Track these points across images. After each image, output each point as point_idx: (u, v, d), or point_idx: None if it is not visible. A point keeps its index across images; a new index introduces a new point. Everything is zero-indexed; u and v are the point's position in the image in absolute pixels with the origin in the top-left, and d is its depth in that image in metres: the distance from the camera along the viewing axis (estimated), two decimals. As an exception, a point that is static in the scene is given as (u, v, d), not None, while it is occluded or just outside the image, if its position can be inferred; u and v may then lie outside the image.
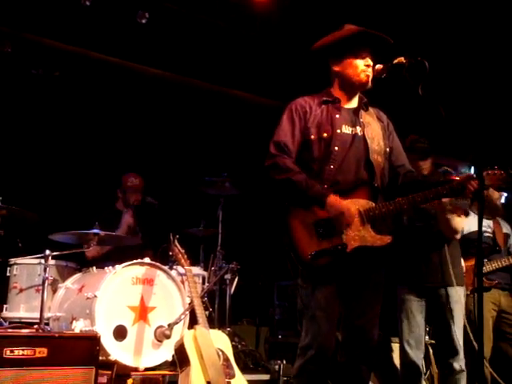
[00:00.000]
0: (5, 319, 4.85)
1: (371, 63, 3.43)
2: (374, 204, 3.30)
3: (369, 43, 3.43)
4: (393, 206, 3.28)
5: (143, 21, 6.27)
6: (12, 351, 3.37)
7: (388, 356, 5.18)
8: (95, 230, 4.86)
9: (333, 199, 3.25)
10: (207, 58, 6.88)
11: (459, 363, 4.19)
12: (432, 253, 4.34)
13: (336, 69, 3.50)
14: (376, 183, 3.38)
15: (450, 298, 4.28)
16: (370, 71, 3.42)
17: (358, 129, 3.44)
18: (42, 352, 3.46)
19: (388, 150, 3.53)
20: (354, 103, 3.52)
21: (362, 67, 3.42)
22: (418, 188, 3.38)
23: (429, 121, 6.37)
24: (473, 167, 3.39)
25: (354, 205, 3.29)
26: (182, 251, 4.56)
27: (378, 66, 3.40)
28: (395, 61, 3.34)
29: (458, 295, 4.29)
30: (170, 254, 4.78)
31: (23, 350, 3.40)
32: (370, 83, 3.45)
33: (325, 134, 3.39)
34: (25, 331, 4.03)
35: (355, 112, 3.50)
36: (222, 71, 7.09)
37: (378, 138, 3.48)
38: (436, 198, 3.34)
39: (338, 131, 3.40)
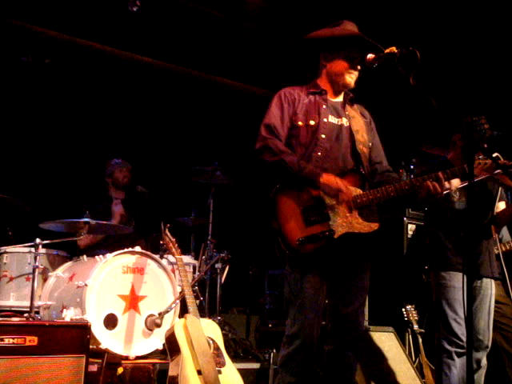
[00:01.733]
0: (-5, 308, 4.84)
1: (359, 68, 3.48)
2: (361, 191, 3.32)
3: (361, 47, 3.46)
4: (380, 193, 3.30)
5: (134, 9, 6.23)
6: (2, 339, 3.38)
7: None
8: (86, 219, 4.85)
9: (327, 177, 3.27)
10: (198, 47, 6.87)
11: (485, 358, 4.19)
12: (482, 240, 4.26)
13: (325, 63, 3.56)
14: (363, 171, 3.41)
15: (491, 290, 4.27)
16: (355, 75, 3.49)
17: (344, 120, 3.50)
18: (32, 340, 3.47)
19: (370, 144, 3.56)
20: (339, 97, 3.58)
21: (349, 70, 3.48)
22: None
23: (420, 110, 6.42)
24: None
25: None
26: (173, 240, 4.55)
27: (370, 56, 3.41)
28: (387, 50, 3.34)
29: (493, 288, 4.28)
30: (161, 242, 4.78)
31: (13, 338, 3.41)
32: (352, 85, 3.52)
33: (312, 122, 3.43)
34: (15, 319, 4.04)
35: (341, 105, 3.54)
36: (212, 59, 7.08)
37: (362, 130, 3.53)
38: (422, 186, 3.33)
39: (325, 120, 3.44)
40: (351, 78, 3.49)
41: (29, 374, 3.44)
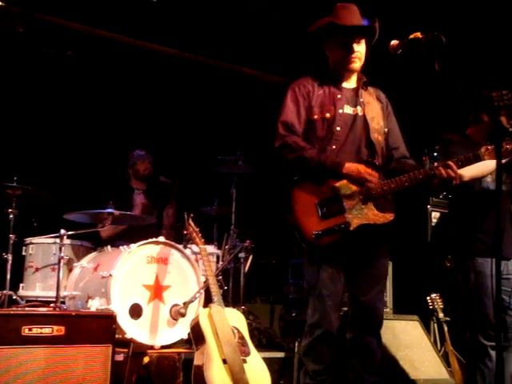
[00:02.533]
0: (21, 298, 4.89)
1: (357, 49, 3.44)
2: (378, 175, 3.32)
3: (349, 33, 3.45)
4: (394, 183, 3.30)
5: (154, -1, 6.23)
6: (30, 329, 3.41)
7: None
8: (109, 210, 4.87)
9: (349, 166, 3.29)
10: (220, 36, 6.85)
11: None
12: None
13: (327, 52, 3.58)
14: (377, 161, 3.39)
15: None
16: (355, 56, 3.46)
17: (359, 109, 3.49)
18: (59, 330, 3.50)
19: (386, 130, 3.53)
20: (353, 83, 3.55)
21: (348, 53, 3.47)
22: None
23: (443, 96, 6.35)
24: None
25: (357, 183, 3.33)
26: (197, 230, 4.56)
27: (394, 42, 3.36)
28: (411, 36, 3.28)
29: None
30: (185, 232, 4.79)
31: (41, 328, 3.44)
32: (357, 68, 3.51)
33: (327, 115, 3.42)
34: (42, 309, 4.08)
35: (355, 91, 3.51)
36: (233, 49, 7.06)
37: (377, 117, 3.51)
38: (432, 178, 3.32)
39: (340, 111, 3.44)
40: (354, 61, 3.47)
41: (57, 363, 3.47)
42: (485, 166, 3.62)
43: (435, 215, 6.24)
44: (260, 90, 7.48)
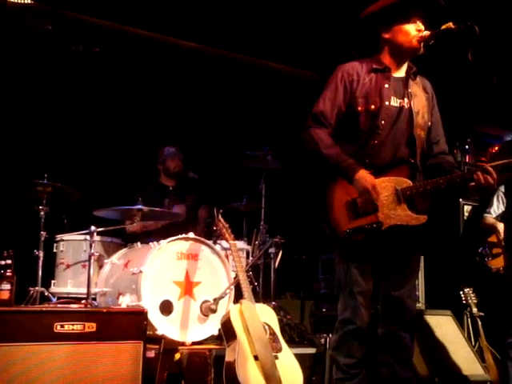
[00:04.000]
0: (53, 294, 4.92)
1: (422, 27, 3.32)
2: (411, 183, 3.25)
3: (419, 6, 3.33)
4: (430, 185, 3.22)
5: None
6: (62, 326, 3.42)
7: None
8: (139, 206, 4.87)
9: (361, 174, 3.21)
10: (246, 31, 6.82)
11: None
12: None
13: (386, 36, 3.40)
14: (415, 161, 3.32)
15: None
16: (421, 36, 3.32)
17: (406, 101, 3.37)
18: (91, 327, 3.50)
19: (430, 123, 3.45)
20: (402, 72, 3.44)
21: (414, 32, 3.32)
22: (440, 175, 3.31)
23: (474, 88, 6.25)
24: None
25: (392, 183, 3.26)
26: (227, 226, 4.54)
27: (426, 33, 3.30)
28: (443, 26, 3.23)
29: None
30: (214, 228, 4.77)
31: (73, 324, 3.44)
32: (422, 48, 3.34)
33: (372, 107, 3.32)
34: (74, 306, 4.10)
35: (404, 81, 3.41)
36: (261, 43, 7.02)
37: (423, 110, 3.41)
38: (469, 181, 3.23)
39: (386, 103, 3.33)
40: (417, 41, 3.32)
41: (89, 359, 3.47)
42: None
43: (467, 209, 6.16)
44: (288, 84, 7.44)
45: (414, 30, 3.33)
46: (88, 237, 4.80)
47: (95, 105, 6.56)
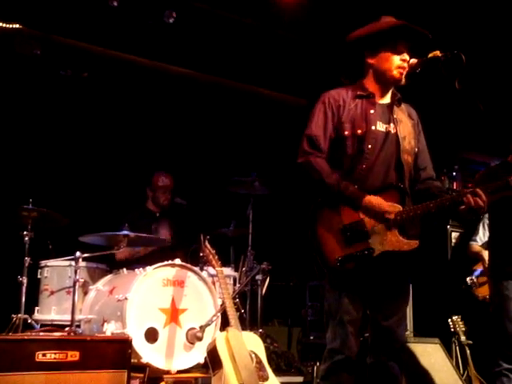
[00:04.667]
0: (36, 321, 4.85)
1: (408, 58, 3.33)
2: (401, 208, 3.23)
3: (407, 37, 3.33)
4: (420, 210, 3.20)
5: (171, 20, 6.22)
6: (44, 355, 3.36)
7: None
8: (125, 232, 4.84)
9: (370, 199, 3.19)
10: (235, 57, 6.84)
11: None
12: None
13: (370, 61, 3.39)
14: (404, 185, 3.31)
15: None
16: (405, 66, 3.32)
17: (392, 126, 3.36)
18: (73, 355, 3.44)
19: (416, 150, 3.45)
20: (387, 98, 3.43)
21: (398, 62, 3.32)
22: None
23: (461, 115, 6.28)
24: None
25: None
26: (213, 252, 4.51)
27: (413, 61, 3.31)
28: (430, 55, 3.24)
29: None
30: (201, 254, 4.73)
31: (55, 353, 3.38)
32: (403, 79, 3.35)
33: (359, 131, 3.30)
34: (56, 334, 4.04)
35: (389, 107, 3.41)
36: (249, 70, 7.04)
37: (409, 136, 3.40)
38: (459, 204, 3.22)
39: (373, 128, 3.31)
40: (400, 72, 3.31)
41: (71, 389, 3.41)
42: None
43: (455, 236, 6.16)
44: (276, 110, 7.46)
45: (398, 60, 3.32)
46: (73, 263, 4.75)
47: (82, 129, 6.54)
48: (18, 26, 6.19)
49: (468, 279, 5.61)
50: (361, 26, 3.43)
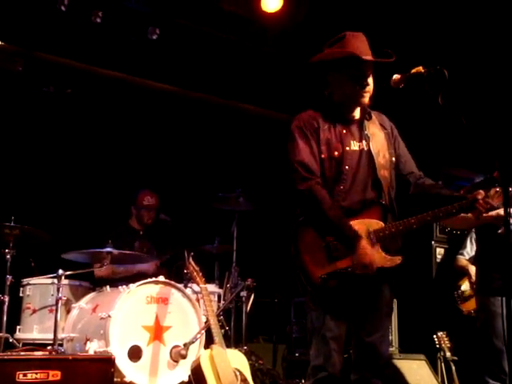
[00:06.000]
0: (18, 341, 4.78)
1: (369, 83, 3.34)
2: (383, 224, 3.24)
3: (364, 62, 3.33)
4: (402, 225, 3.23)
5: (154, 37, 6.22)
6: (25, 375, 3.32)
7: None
8: (108, 249, 4.79)
9: (361, 247, 3.16)
10: (219, 73, 6.84)
11: None
12: None
13: (334, 83, 3.40)
14: (384, 201, 3.32)
15: None
16: (367, 90, 3.33)
17: (364, 143, 3.36)
18: (55, 375, 3.40)
19: (394, 159, 3.45)
20: (356, 114, 3.44)
21: (359, 89, 3.32)
22: (429, 201, 3.36)
23: (444, 131, 6.32)
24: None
25: (364, 225, 3.24)
26: (197, 269, 4.49)
27: (396, 77, 3.31)
28: (413, 70, 3.24)
29: None
30: (185, 271, 4.71)
31: (36, 373, 3.34)
32: (366, 102, 3.37)
33: (335, 153, 3.30)
34: (38, 354, 3.98)
35: (359, 124, 3.41)
36: (233, 86, 7.04)
37: (382, 150, 3.40)
38: (446, 216, 3.28)
39: (348, 148, 3.32)
40: (364, 96, 3.33)
41: (52, 410, 3.36)
42: None
43: (440, 251, 6.16)
44: (259, 126, 7.46)
45: (359, 86, 3.31)
46: (56, 280, 4.70)
47: (65, 146, 6.50)
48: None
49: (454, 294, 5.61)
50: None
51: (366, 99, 3.36)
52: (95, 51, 6.34)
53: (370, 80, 3.36)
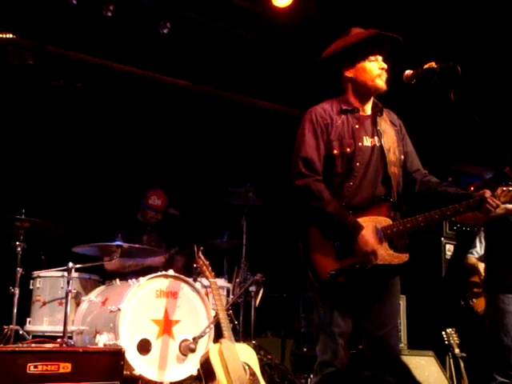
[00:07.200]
0: (28, 333, 4.80)
1: (385, 66, 3.33)
2: (391, 221, 3.24)
3: (380, 46, 3.33)
4: (410, 223, 3.22)
5: (165, 31, 6.22)
6: (36, 367, 3.32)
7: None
8: (118, 242, 4.80)
9: (362, 237, 3.16)
10: (229, 68, 6.83)
11: None
12: None
13: (349, 75, 3.39)
14: (393, 198, 3.31)
15: None
16: (384, 74, 3.33)
17: (376, 139, 3.35)
18: (65, 367, 3.41)
19: (403, 157, 3.45)
20: (368, 110, 3.42)
21: (377, 71, 3.32)
22: (435, 199, 3.36)
23: (455, 127, 6.30)
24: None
25: (372, 222, 3.23)
26: (207, 263, 4.49)
27: (408, 72, 3.31)
28: (426, 66, 3.24)
29: None
30: (195, 266, 4.71)
31: (47, 365, 3.35)
32: (385, 86, 3.35)
33: (348, 149, 3.29)
34: (48, 346, 3.99)
35: (372, 120, 3.40)
36: (243, 81, 7.04)
37: (393, 146, 3.39)
38: (454, 215, 3.28)
39: (360, 144, 3.31)
40: (382, 80, 3.32)
41: (62, 401, 3.38)
42: None
43: (449, 248, 6.14)
44: (270, 121, 7.45)
45: (376, 69, 3.33)
46: (66, 273, 4.71)
47: (75, 140, 6.51)
48: (11, 35, 6.17)
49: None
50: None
51: (384, 84, 3.34)
52: (105, 45, 6.35)
53: (385, 65, 3.35)
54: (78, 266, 4.70)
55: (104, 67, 6.64)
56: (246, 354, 4.12)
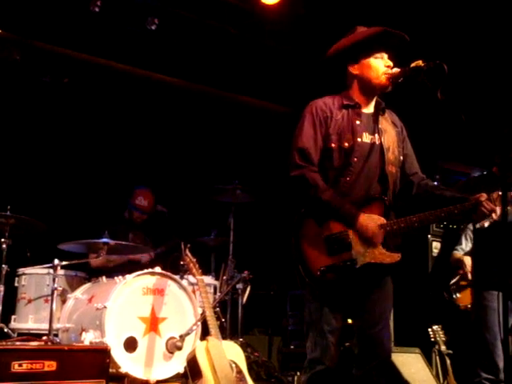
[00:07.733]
0: (13, 330, 4.77)
1: (391, 63, 3.33)
2: (385, 220, 3.23)
3: (386, 44, 3.34)
4: (404, 223, 3.21)
5: (153, 27, 6.20)
6: (20, 365, 3.30)
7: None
8: (105, 239, 4.78)
9: (361, 221, 3.18)
10: (217, 65, 6.82)
11: None
12: None
13: (354, 72, 3.39)
14: (388, 197, 3.31)
15: None
16: (390, 72, 3.33)
17: (377, 137, 3.35)
18: (50, 365, 3.39)
19: (402, 158, 3.45)
20: (371, 107, 3.42)
21: (383, 68, 3.32)
22: (432, 202, 3.34)
23: (442, 125, 6.31)
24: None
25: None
26: (194, 260, 4.48)
27: (395, 70, 3.31)
28: (413, 64, 3.23)
29: None
30: (182, 263, 4.70)
31: (31, 363, 3.33)
32: (390, 85, 3.35)
33: (346, 144, 3.29)
34: (33, 344, 3.96)
35: (374, 117, 3.40)
36: (232, 77, 7.03)
37: (393, 146, 3.39)
38: (448, 217, 3.26)
39: (359, 140, 3.30)
40: (387, 77, 3.31)
41: (47, 400, 3.36)
42: None
43: (436, 245, 6.16)
44: (258, 118, 7.44)
45: (382, 66, 3.33)
46: (51, 270, 4.68)
47: (62, 136, 6.48)
48: (-2, 31, 6.13)
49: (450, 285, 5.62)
50: (343, 34, 3.43)
51: (389, 82, 3.33)
52: (93, 40, 6.32)
53: (391, 62, 3.34)
54: (63, 263, 4.68)
55: (91, 63, 6.61)
56: (232, 352, 4.11)
